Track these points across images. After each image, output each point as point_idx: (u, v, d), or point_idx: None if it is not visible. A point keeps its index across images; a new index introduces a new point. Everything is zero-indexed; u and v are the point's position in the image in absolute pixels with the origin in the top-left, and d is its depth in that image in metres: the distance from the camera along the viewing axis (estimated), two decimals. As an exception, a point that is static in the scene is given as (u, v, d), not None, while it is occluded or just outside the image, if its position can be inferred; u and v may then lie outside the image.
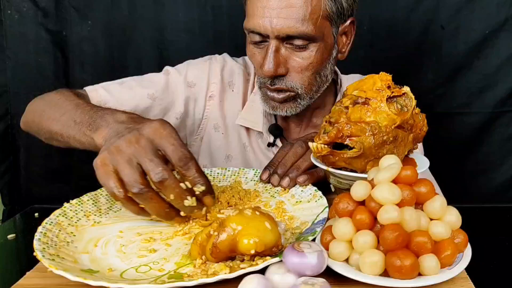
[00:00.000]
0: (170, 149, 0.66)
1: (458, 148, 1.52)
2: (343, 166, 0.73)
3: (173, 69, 1.10)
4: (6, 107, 1.49)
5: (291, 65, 0.94)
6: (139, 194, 0.64)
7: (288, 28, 0.89)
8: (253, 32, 0.93)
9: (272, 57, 0.92)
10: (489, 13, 1.43)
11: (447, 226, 0.58)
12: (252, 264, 0.58)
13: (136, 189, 0.64)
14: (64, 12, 1.47)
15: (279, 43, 0.92)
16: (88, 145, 0.80)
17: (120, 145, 0.66)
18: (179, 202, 0.66)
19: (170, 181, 0.64)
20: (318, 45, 0.93)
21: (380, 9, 1.46)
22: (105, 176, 0.65)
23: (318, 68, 0.96)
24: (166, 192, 0.65)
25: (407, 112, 0.71)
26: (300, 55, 0.93)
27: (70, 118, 0.86)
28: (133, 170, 0.64)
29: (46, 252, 0.61)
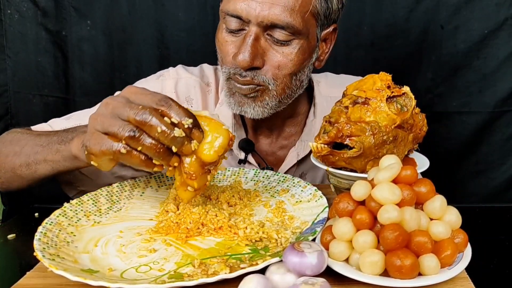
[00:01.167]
0: (148, 98, 0.64)
1: (458, 148, 1.53)
2: (343, 166, 0.73)
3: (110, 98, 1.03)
4: (6, 107, 1.49)
5: (269, 59, 0.86)
6: (133, 137, 0.61)
7: (274, 15, 0.82)
8: (232, 15, 0.84)
9: (250, 45, 0.83)
10: (489, 13, 1.43)
11: (447, 226, 0.58)
12: (252, 264, 0.58)
13: (128, 132, 0.61)
14: (64, 12, 1.47)
15: (260, 32, 0.84)
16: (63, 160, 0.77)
17: (99, 111, 0.65)
18: (168, 134, 0.62)
19: (154, 117, 0.61)
20: (301, 42, 0.86)
21: (380, 9, 1.46)
22: (99, 142, 0.63)
23: (296, 69, 0.88)
24: (152, 129, 0.61)
25: (407, 112, 0.71)
26: (280, 49, 0.86)
27: (34, 145, 0.83)
28: (118, 121, 0.62)
29: (46, 252, 0.61)
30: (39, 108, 1.49)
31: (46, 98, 1.50)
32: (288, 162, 1.03)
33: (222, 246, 0.66)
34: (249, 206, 0.78)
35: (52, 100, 1.50)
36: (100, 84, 1.50)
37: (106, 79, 1.51)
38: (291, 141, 1.04)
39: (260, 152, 1.03)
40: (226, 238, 0.68)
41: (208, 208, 0.73)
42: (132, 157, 0.63)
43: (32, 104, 1.49)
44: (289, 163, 1.02)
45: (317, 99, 1.03)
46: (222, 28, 0.89)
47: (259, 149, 1.03)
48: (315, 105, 1.03)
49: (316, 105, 1.03)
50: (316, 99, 1.03)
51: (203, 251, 0.65)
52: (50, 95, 1.50)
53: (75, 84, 1.51)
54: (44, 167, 0.82)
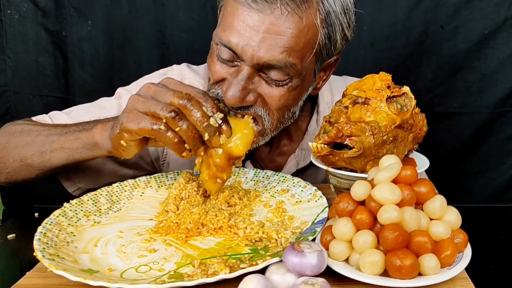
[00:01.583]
0: (187, 88, 0.69)
1: (458, 148, 1.53)
2: (343, 166, 0.73)
3: (124, 90, 1.01)
4: (6, 107, 1.49)
5: (261, 96, 0.81)
6: (174, 117, 0.65)
7: (272, 57, 0.75)
8: (225, 46, 0.78)
9: (242, 85, 0.77)
10: (489, 13, 1.43)
11: (447, 226, 0.58)
12: (252, 264, 0.58)
13: (170, 113, 0.65)
14: (64, 12, 1.47)
15: (254, 71, 0.78)
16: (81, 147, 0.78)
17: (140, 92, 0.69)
18: (205, 121, 0.67)
19: (194, 103, 0.66)
20: (297, 81, 0.81)
21: (380, 9, 1.46)
22: (137, 120, 0.67)
23: (290, 105, 0.84)
24: (193, 112, 0.66)
25: (407, 112, 0.71)
26: (275, 90, 0.80)
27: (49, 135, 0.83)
28: (160, 102, 0.66)
29: (46, 252, 0.61)
30: (39, 108, 1.49)
31: (46, 98, 1.50)
32: (287, 170, 1.00)
33: (222, 246, 0.66)
34: (249, 206, 0.78)
35: (52, 100, 1.50)
36: (100, 84, 1.50)
37: (106, 79, 1.51)
38: (291, 148, 1.02)
39: (259, 158, 1.01)
40: (226, 238, 0.68)
41: (208, 208, 0.73)
42: (168, 137, 0.66)
43: (32, 104, 1.50)
44: (288, 171, 1.00)
45: (320, 108, 0.99)
46: (215, 52, 0.83)
47: (257, 155, 1.01)
48: (318, 113, 0.99)
49: (320, 113, 0.99)
50: (319, 107, 0.99)
51: (203, 251, 0.65)
52: (50, 95, 1.50)
53: (75, 84, 1.51)
54: (59, 155, 0.82)
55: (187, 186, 0.80)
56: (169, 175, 0.89)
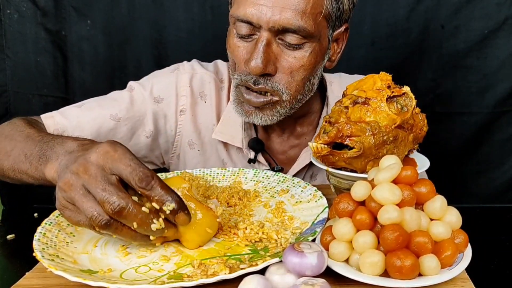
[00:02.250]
0: (127, 171, 0.58)
1: (458, 148, 1.53)
2: (343, 166, 0.72)
3: (137, 84, 1.01)
4: (5, 107, 1.49)
5: (281, 65, 0.85)
6: (106, 227, 0.58)
7: (286, 19, 0.80)
8: (242, 21, 0.83)
9: (262, 51, 0.82)
10: (489, 12, 1.43)
11: (447, 226, 0.57)
12: (252, 265, 0.58)
13: (103, 222, 0.57)
14: (64, 12, 1.47)
15: (272, 37, 0.83)
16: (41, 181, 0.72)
17: (69, 179, 0.59)
18: (146, 228, 0.59)
19: (129, 208, 0.57)
20: (313, 45, 0.85)
21: (380, 9, 1.46)
22: (74, 216, 0.60)
23: (309, 73, 0.87)
24: (128, 222, 0.58)
25: (407, 112, 0.71)
26: (292, 54, 0.84)
27: (20, 151, 0.78)
28: (90, 203, 0.58)
29: (45, 253, 0.61)
30: (39, 108, 1.49)
31: (46, 98, 1.50)
32: (300, 163, 1.00)
33: (221, 247, 0.66)
34: (248, 207, 0.78)
35: (52, 100, 1.50)
36: (99, 83, 1.51)
37: (105, 79, 1.51)
38: (303, 141, 1.03)
39: (271, 151, 1.01)
40: (225, 238, 0.68)
41: (208, 208, 0.73)
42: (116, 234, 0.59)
43: (31, 104, 1.50)
44: (302, 163, 1.00)
45: (330, 99, 1.01)
46: (233, 33, 0.87)
47: (270, 148, 1.02)
48: (327, 105, 1.01)
49: (329, 105, 1.01)
50: (329, 99, 1.01)
51: (202, 251, 0.65)
52: (49, 95, 1.50)
53: (74, 84, 1.51)
54: (27, 179, 0.77)
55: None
56: (168, 175, 0.89)
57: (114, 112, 0.96)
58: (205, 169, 0.92)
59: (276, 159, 1.01)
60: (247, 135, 0.99)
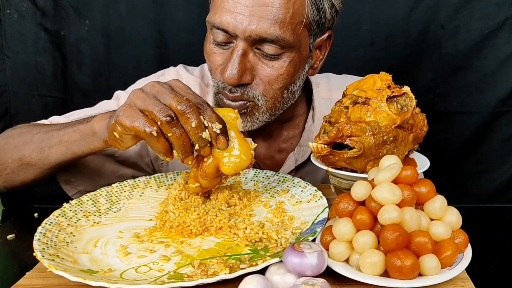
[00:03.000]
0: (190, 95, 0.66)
1: (458, 148, 1.53)
2: (343, 166, 0.72)
3: (123, 93, 1.02)
4: (5, 107, 1.49)
5: (258, 74, 0.82)
6: (169, 122, 0.63)
7: (263, 29, 0.77)
8: (218, 28, 0.81)
9: (238, 61, 0.79)
10: (489, 13, 1.43)
11: (447, 226, 0.57)
12: (252, 265, 0.58)
13: (166, 116, 0.63)
14: (63, 12, 1.47)
15: (248, 46, 0.80)
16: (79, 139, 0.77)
17: (144, 88, 0.67)
18: (198, 132, 0.65)
19: (192, 110, 0.64)
20: (292, 55, 0.82)
21: (380, 9, 1.46)
22: (133, 118, 0.65)
23: (288, 82, 0.84)
24: (188, 121, 0.64)
25: (407, 112, 0.71)
26: (270, 64, 0.82)
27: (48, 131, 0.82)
28: (159, 103, 0.64)
29: (45, 253, 0.61)
30: (38, 108, 1.49)
31: (45, 98, 1.50)
32: (286, 167, 1.01)
33: (221, 247, 0.66)
34: (249, 207, 0.78)
35: (51, 100, 1.50)
36: (98, 84, 1.50)
37: (104, 79, 1.51)
38: (289, 145, 1.02)
39: (257, 155, 1.01)
40: (226, 238, 0.68)
41: (208, 208, 0.73)
42: (158, 142, 0.65)
43: (31, 104, 1.49)
44: (288, 168, 1.01)
45: (315, 103, 1.00)
46: (210, 39, 0.85)
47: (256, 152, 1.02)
48: (313, 109, 1.00)
49: (315, 108, 1.00)
50: (314, 103, 1.00)
51: (202, 251, 0.65)
52: (48, 95, 1.50)
53: (73, 84, 1.51)
54: (57, 149, 0.81)
55: (187, 187, 0.80)
56: (168, 175, 0.89)
57: None
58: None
59: (262, 164, 1.01)
60: None
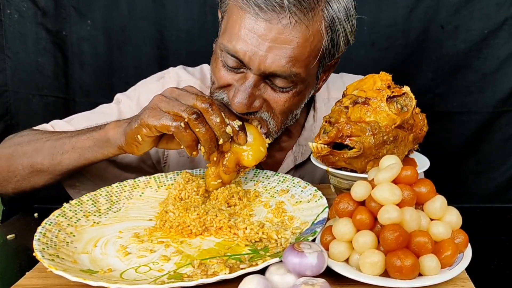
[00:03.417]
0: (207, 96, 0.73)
1: (458, 148, 1.53)
2: (343, 166, 0.72)
3: (123, 96, 1.03)
4: (6, 107, 1.49)
5: (267, 102, 0.82)
6: (195, 119, 0.70)
7: (278, 67, 0.76)
8: (232, 56, 0.78)
9: (248, 92, 0.78)
10: (489, 13, 1.43)
11: (447, 226, 0.57)
12: (252, 265, 0.58)
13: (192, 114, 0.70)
14: (64, 12, 1.47)
15: (260, 78, 0.79)
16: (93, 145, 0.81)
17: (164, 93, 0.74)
18: (222, 126, 0.73)
19: (215, 107, 0.72)
20: (301, 87, 0.82)
21: (380, 9, 1.46)
22: (159, 118, 0.71)
23: (294, 109, 0.86)
24: (213, 116, 0.72)
25: (407, 112, 0.71)
26: (280, 95, 0.81)
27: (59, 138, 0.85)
28: (183, 104, 0.72)
29: (45, 253, 0.61)
30: (39, 108, 1.49)
31: (46, 98, 1.50)
32: (285, 166, 1.01)
33: (221, 247, 0.66)
34: (249, 207, 0.78)
35: (52, 100, 1.50)
36: (99, 84, 1.50)
37: (105, 79, 1.51)
38: (289, 144, 1.03)
39: None
40: (225, 238, 0.68)
41: (208, 208, 0.73)
42: (187, 134, 0.71)
43: (31, 104, 1.49)
44: (287, 166, 1.01)
45: (317, 104, 1.01)
46: (218, 59, 0.82)
47: None
48: (315, 109, 1.01)
49: (317, 109, 1.01)
50: (316, 104, 1.01)
51: (202, 251, 0.65)
52: (49, 95, 1.50)
53: (74, 84, 1.51)
54: (70, 155, 0.84)
55: (186, 187, 0.80)
56: (168, 175, 0.89)
57: None
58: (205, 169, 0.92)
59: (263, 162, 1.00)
60: None
